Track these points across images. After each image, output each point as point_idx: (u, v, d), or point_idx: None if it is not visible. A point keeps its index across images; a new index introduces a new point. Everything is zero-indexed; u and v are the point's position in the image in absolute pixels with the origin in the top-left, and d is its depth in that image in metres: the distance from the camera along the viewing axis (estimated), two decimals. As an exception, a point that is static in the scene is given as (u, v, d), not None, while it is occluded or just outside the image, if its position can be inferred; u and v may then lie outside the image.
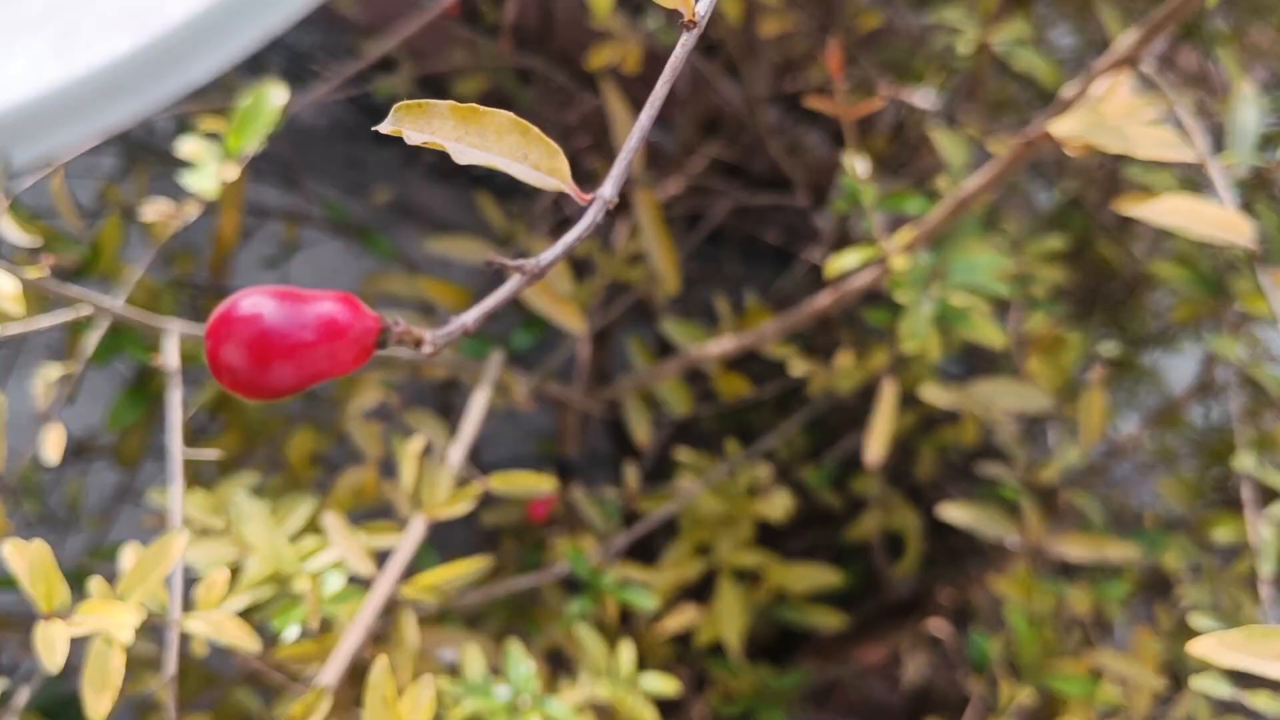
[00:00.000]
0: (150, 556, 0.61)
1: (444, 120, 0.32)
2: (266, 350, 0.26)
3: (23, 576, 0.59)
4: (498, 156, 0.32)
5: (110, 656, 0.58)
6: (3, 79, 0.84)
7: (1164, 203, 0.56)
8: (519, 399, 0.89)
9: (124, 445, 1.00)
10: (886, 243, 0.76)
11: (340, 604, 0.69)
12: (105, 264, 0.90)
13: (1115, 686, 0.95)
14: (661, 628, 1.10)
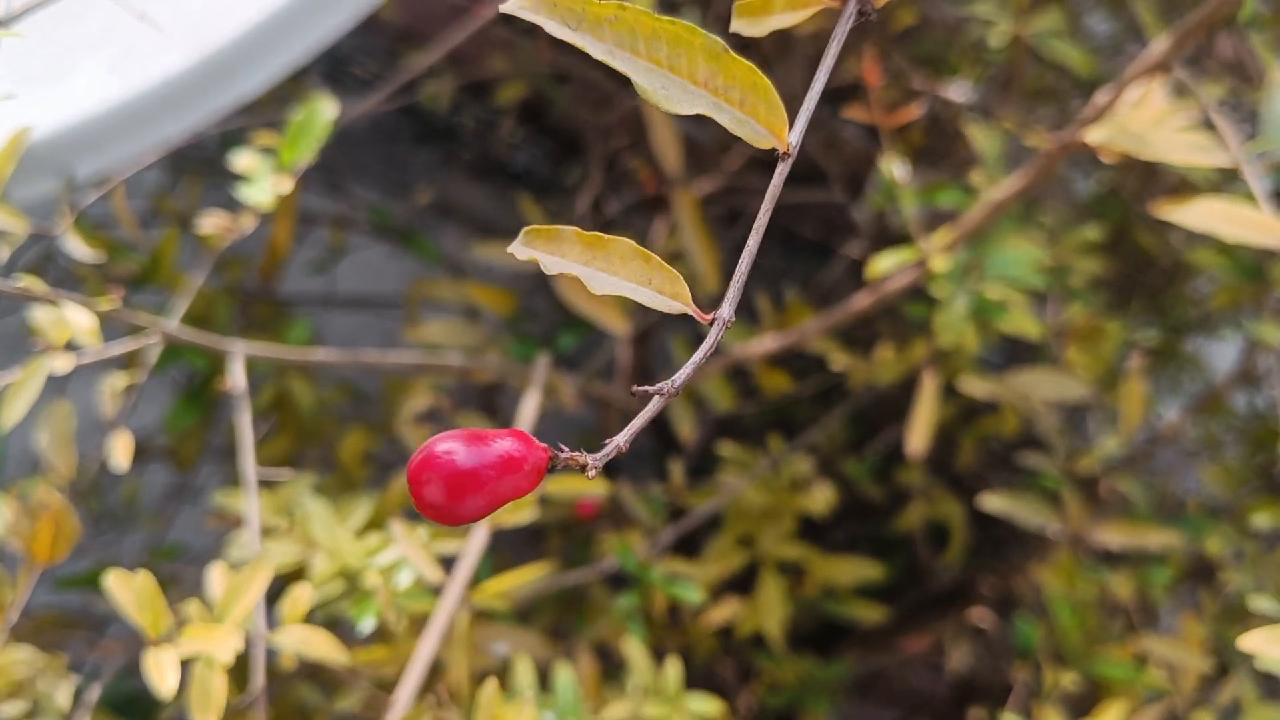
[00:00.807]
0: (239, 582, 0.63)
1: (571, 245, 0.34)
2: (461, 488, 0.31)
3: (129, 607, 0.62)
4: (624, 282, 0.34)
5: (212, 678, 0.60)
6: (64, 97, 0.87)
7: (1198, 206, 0.57)
8: (566, 399, 0.91)
9: (181, 448, 1.03)
10: (925, 243, 0.77)
11: (412, 600, 0.71)
12: (164, 274, 0.93)
13: (1160, 671, 0.96)
14: (707, 620, 1.12)
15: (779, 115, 0.33)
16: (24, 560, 0.78)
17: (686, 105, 0.33)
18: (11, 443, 0.96)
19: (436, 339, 0.97)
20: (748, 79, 0.33)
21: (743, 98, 0.33)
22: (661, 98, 0.33)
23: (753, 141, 0.33)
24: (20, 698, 0.78)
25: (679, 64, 0.32)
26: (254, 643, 0.66)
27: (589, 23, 0.31)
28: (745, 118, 0.33)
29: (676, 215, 1.01)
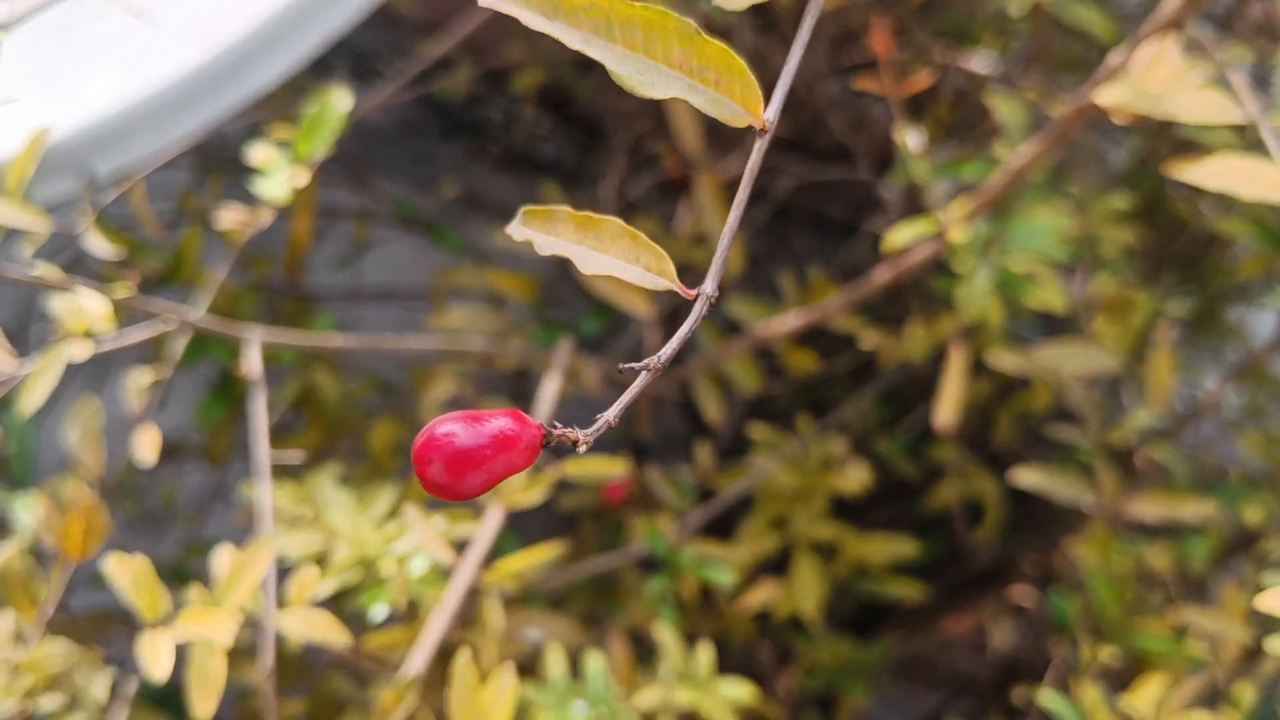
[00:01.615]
0: (243, 562, 0.64)
1: (565, 225, 0.34)
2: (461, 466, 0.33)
3: (126, 588, 0.62)
4: (612, 259, 0.34)
5: (211, 660, 0.61)
6: (84, 97, 0.88)
7: (1216, 164, 0.56)
8: (588, 383, 0.91)
9: (212, 444, 1.04)
10: (944, 215, 0.76)
11: (426, 586, 0.71)
12: (187, 271, 0.94)
13: (1200, 642, 0.94)
14: (743, 604, 1.12)
15: (754, 94, 0.33)
16: (57, 556, 0.79)
17: (661, 88, 0.33)
18: (43, 442, 0.97)
19: (459, 326, 0.97)
20: (722, 59, 0.33)
21: (718, 78, 0.33)
22: (637, 82, 0.33)
23: (729, 121, 0.33)
24: (58, 691, 0.79)
25: (654, 48, 0.33)
26: (263, 624, 0.66)
27: (565, 12, 0.32)
28: (721, 97, 0.33)
29: (698, 198, 1.01)
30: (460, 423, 0.32)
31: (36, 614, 0.78)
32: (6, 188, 0.78)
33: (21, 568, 0.76)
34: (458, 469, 0.32)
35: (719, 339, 1.03)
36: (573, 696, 0.83)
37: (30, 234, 0.79)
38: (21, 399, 0.68)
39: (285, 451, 0.73)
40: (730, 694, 0.89)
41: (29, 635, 0.78)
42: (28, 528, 0.84)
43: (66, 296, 0.70)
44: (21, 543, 0.79)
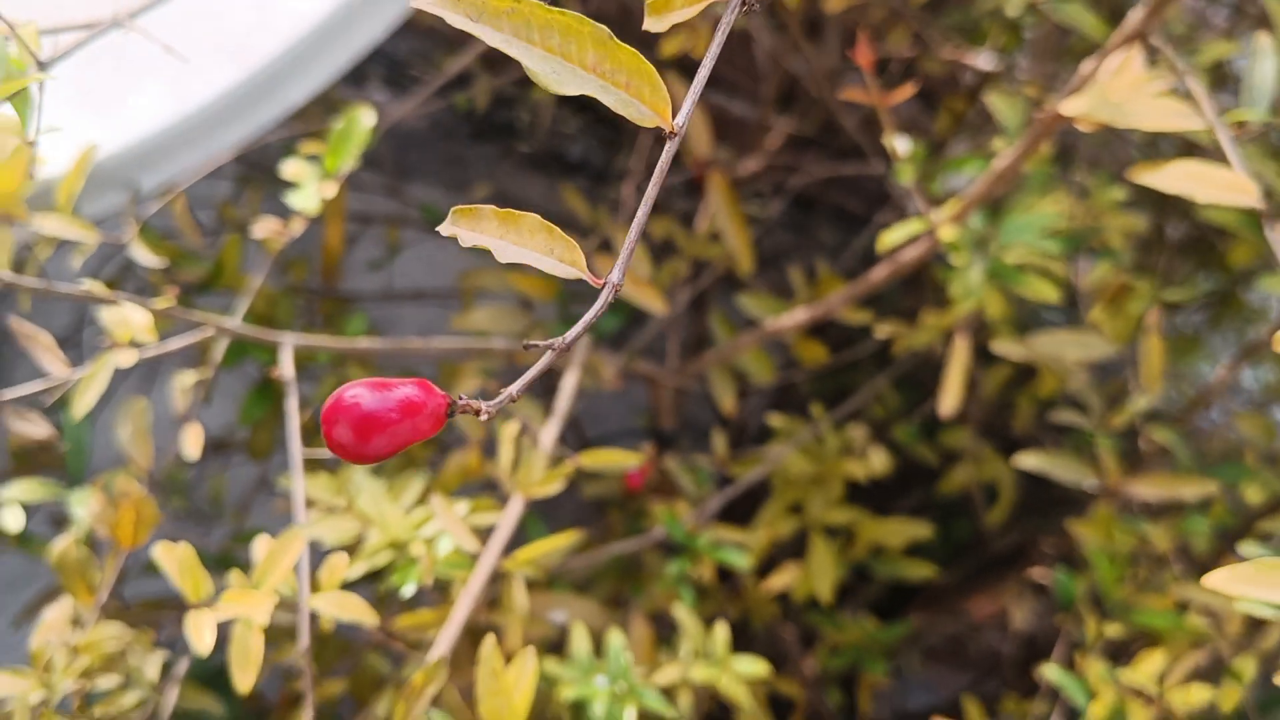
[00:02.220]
0: (278, 549, 0.69)
1: (489, 222, 0.37)
2: (366, 429, 0.35)
3: (172, 572, 0.68)
4: (530, 252, 0.37)
5: (250, 638, 0.66)
6: (129, 115, 0.93)
7: (1172, 169, 0.59)
8: (606, 378, 0.96)
9: (256, 440, 1.10)
10: (935, 215, 0.80)
11: (453, 568, 0.76)
12: (228, 277, 0.99)
13: (1202, 618, 0.97)
14: (766, 587, 1.16)
15: (662, 97, 0.36)
16: (111, 546, 0.85)
17: (575, 87, 0.36)
18: (96, 440, 1.03)
19: (483, 325, 1.02)
20: (633, 63, 0.36)
21: (629, 80, 0.36)
22: (553, 81, 0.36)
23: (638, 121, 0.37)
24: (114, 671, 0.84)
25: (569, 50, 0.36)
26: (299, 606, 0.71)
27: (489, 15, 0.35)
28: (631, 99, 0.36)
29: (710, 197, 1.05)
30: (367, 388, 0.34)
31: (93, 600, 0.84)
32: (57, 203, 0.84)
33: (78, 557, 0.82)
34: (363, 432, 0.34)
35: (733, 333, 1.07)
36: (595, 672, 0.88)
37: (80, 245, 0.85)
38: (75, 402, 0.74)
39: (317, 449, 0.78)
40: (745, 670, 0.93)
41: (86, 619, 0.84)
42: (83, 520, 0.90)
43: (113, 309, 0.76)
44: (78, 534, 0.85)
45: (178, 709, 0.90)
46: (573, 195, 1.19)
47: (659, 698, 0.88)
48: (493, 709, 0.58)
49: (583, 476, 1.22)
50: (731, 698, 0.93)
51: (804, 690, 1.27)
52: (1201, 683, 0.93)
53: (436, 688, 0.65)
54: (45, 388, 0.74)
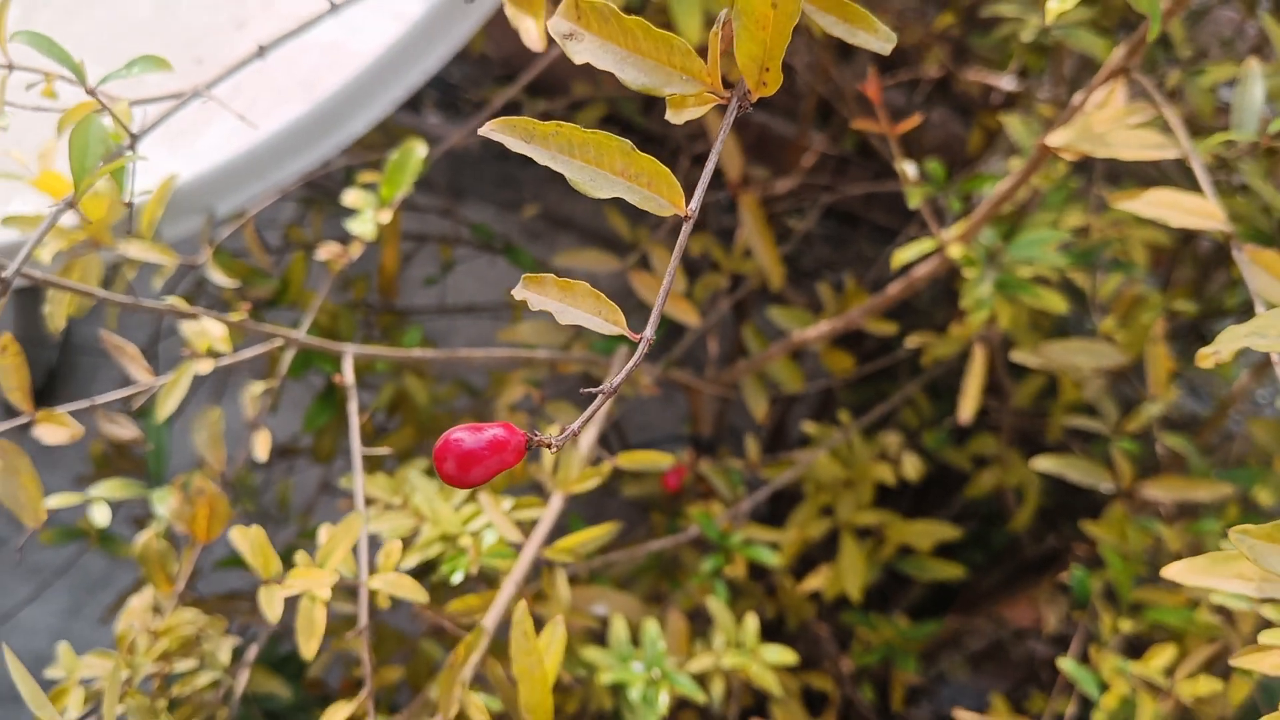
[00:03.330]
0: (339, 533, 0.77)
1: (552, 289, 0.45)
2: (467, 463, 0.44)
3: (246, 553, 0.76)
4: (583, 314, 0.45)
5: (314, 610, 0.74)
6: (203, 147, 1.02)
7: (1149, 196, 0.65)
8: (644, 385, 1.02)
9: (319, 444, 1.18)
10: (944, 234, 0.86)
11: (496, 557, 0.83)
12: (293, 294, 1.07)
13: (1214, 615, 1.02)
14: (802, 588, 1.22)
15: (677, 192, 0.44)
16: (187, 540, 0.93)
17: (608, 190, 0.44)
18: (174, 445, 1.12)
19: (529, 338, 1.10)
20: (652, 168, 0.43)
21: (650, 181, 0.44)
22: (589, 186, 0.44)
23: (658, 212, 0.44)
24: (189, 656, 0.92)
25: (602, 161, 0.43)
26: (359, 588, 0.79)
27: (539, 138, 0.43)
28: (652, 195, 0.44)
29: (743, 216, 1.11)
30: (467, 431, 0.44)
31: (171, 589, 0.92)
32: (139, 229, 0.92)
33: (158, 549, 0.90)
34: (464, 465, 0.43)
35: (765, 344, 1.13)
36: (632, 659, 0.95)
37: (161, 267, 0.93)
38: (159, 405, 0.82)
39: (376, 448, 0.86)
40: (774, 658, 0.99)
41: (165, 607, 0.92)
42: (163, 516, 0.98)
43: (193, 322, 0.84)
44: (158, 529, 0.93)
45: (248, 691, 0.98)
46: (615, 215, 1.26)
47: (691, 683, 0.94)
48: (524, 668, 0.64)
49: (626, 480, 1.29)
50: (761, 684, 0.99)
51: (838, 687, 1.32)
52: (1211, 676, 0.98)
53: (479, 655, 0.72)
54: (132, 393, 0.82)
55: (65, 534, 1.25)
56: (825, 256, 1.97)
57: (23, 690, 0.71)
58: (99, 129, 0.60)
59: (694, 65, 0.43)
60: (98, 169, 0.58)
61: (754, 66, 0.42)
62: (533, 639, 0.69)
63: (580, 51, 0.43)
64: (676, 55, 0.43)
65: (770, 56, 0.41)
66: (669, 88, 0.43)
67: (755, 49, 0.41)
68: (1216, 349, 0.48)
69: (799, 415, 1.69)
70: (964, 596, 1.65)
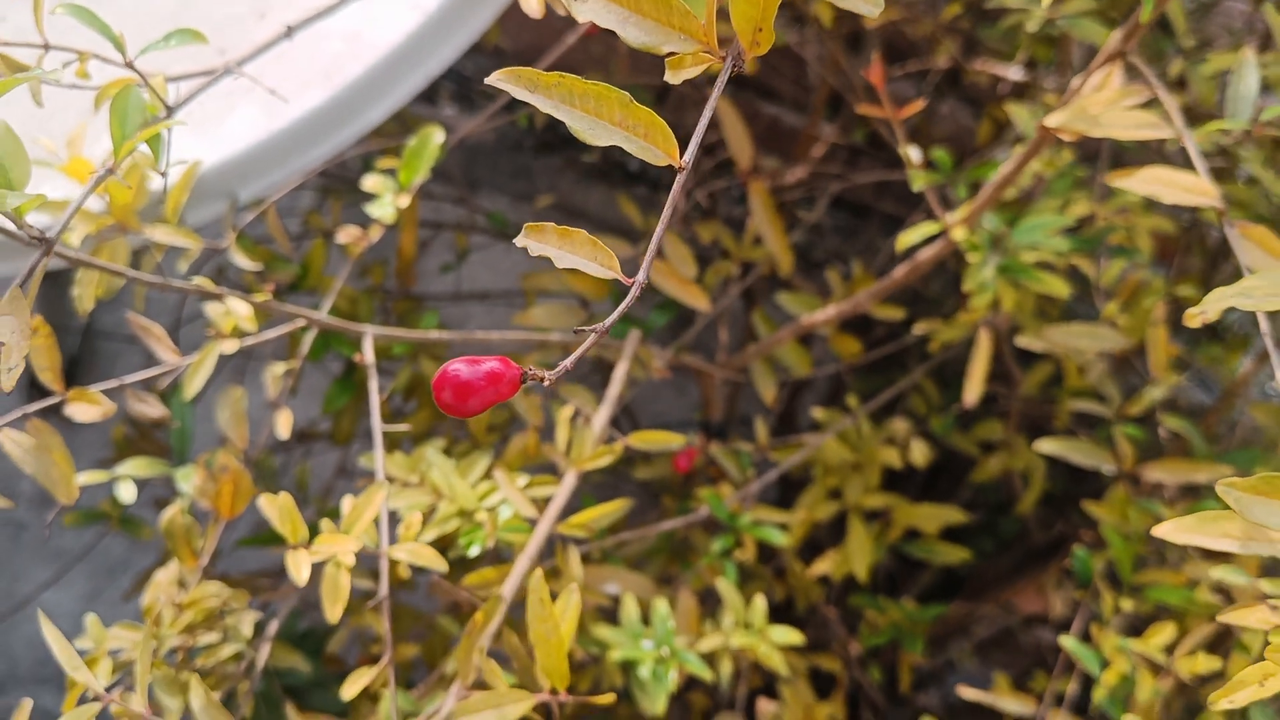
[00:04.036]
0: (362, 502, 0.79)
1: (551, 237, 0.47)
2: (464, 392, 0.47)
3: (274, 520, 0.78)
4: (580, 259, 0.47)
5: (339, 576, 0.76)
6: (226, 134, 1.04)
7: (1144, 173, 0.66)
8: (655, 368, 1.04)
9: (338, 426, 1.21)
10: (948, 217, 0.88)
11: (511, 532, 0.86)
12: (313, 279, 1.10)
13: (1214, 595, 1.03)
14: (811, 571, 1.25)
15: (671, 144, 0.46)
16: (212, 515, 0.95)
17: (606, 139, 0.46)
18: (198, 427, 1.14)
19: (542, 322, 1.12)
20: (649, 119, 0.46)
21: (645, 132, 0.46)
22: (589, 135, 0.46)
23: (654, 162, 0.46)
24: (213, 630, 0.95)
25: (601, 111, 0.45)
26: (380, 558, 0.81)
27: (541, 88, 0.45)
28: (648, 145, 0.46)
29: (752, 204, 1.13)
30: (464, 363, 0.46)
31: (195, 563, 0.94)
32: (165, 214, 0.95)
33: (183, 524, 0.93)
34: (462, 395, 0.45)
35: (774, 329, 1.16)
36: (642, 637, 0.98)
37: (186, 251, 0.95)
38: (185, 385, 0.84)
39: (396, 425, 0.88)
40: (781, 638, 1.02)
41: (189, 581, 0.95)
42: (187, 494, 1.01)
43: (218, 302, 0.86)
44: (183, 505, 0.95)
45: (269, 665, 1.01)
46: (627, 204, 1.28)
47: (700, 662, 0.96)
48: (540, 634, 0.67)
49: (638, 463, 1.31)
50: (768, 664, 1.01)
51: (846, 669, 1.34)
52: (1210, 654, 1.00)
53: (497, 622, 0.75)
54: (159, 373, 0.85)
55: (87, 516, 1.28)
56: (836, 247, 1.99)
57: (59, 655, 0.74)
58: (138, 99, 0.63)
59: (691, 25, 0.45)
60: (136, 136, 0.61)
61: (748, 26, 0.44)
62: (549, 605, 0.71)
63: (585, 11, 0.45)
64: (675, 15, 0.45)
65: (764, 18, 0.43)
66: (667, 46, 0.45)
67: (750, 9, 0.43)
68: (1203, 309, 0.50)
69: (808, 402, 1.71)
70: (972, 583, 1.67)
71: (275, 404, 0.97)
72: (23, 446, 0.74)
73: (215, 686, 0.97)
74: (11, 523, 1.85)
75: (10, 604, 1.77)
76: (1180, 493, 1.16)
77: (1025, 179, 1.07)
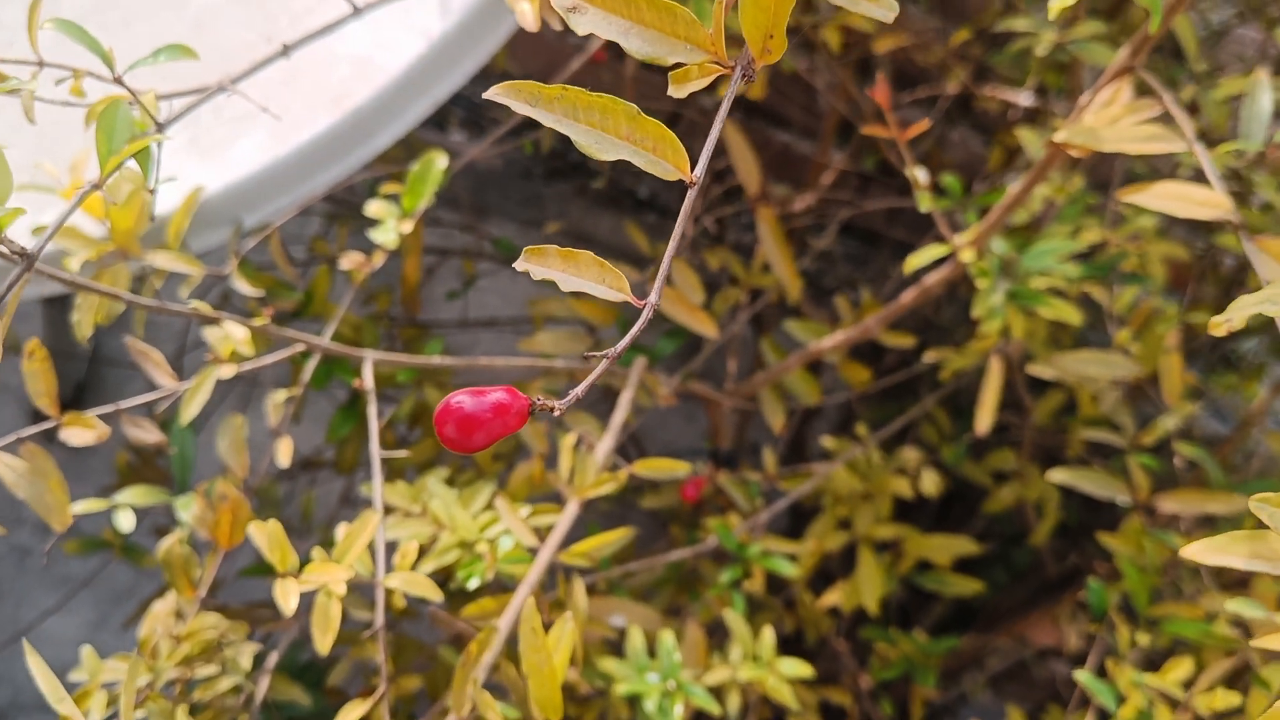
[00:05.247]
0: (354, 530, 0.78)
1: (554, 260, 0.45)
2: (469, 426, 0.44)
3: (264, 547, 0.77)
4: (587, 282, 0.45)
5: (330, 605, 0.75)
6: (232, 159, 1.04)
7: (1156, 188, 0.65)
8: (661, 395, 1.03)
9: (342, 455, 1.19)
10: (956, 239, 0.87)
11: (512, 563, 0.84)
12: (317, 306, 1.09)
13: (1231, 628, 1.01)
14: (821, 603, 1.23)
15: (682, 157, 0.44)
16: (210, 546, 0.94)
17: (613, 154, 0.44)
18: (200, 457, 1.13)
19: (548, 348, 1.11)
20: (658, 132, 0.44)
21: (654, 146, 0.44)
22: (595, 150, 0.44)
23: (664, 176, 0.44)
24: (211, 662, 0.93)
25: (607, 125, 0.44)
26: (376, 587, 0.80)
27: (544, 102, 0.43)
28: (657, 159, 0.44)
29: (760, 230, 1.12)
30: (468, 395, 0.44)
31: (194, 594, 0.93)
32: (167, 240, 0.94)
33: (181, 554, 0.91)
34: (466, 429, 0.43)
35: (782, 356, 1.14)
36: (648, 670, 0.96)
37: (188, 277, 0.95)
38: (181, 410, 0.83)
39: (395, 451, 0.87)
40: (790, 671, 1.00)
41: (187, 612, 0.93)
42: (186, 522, 1.00)
43: (216, 327, 0.85)
44: (181, 534, 0.94)
45: (268, 698, 0.99)
46: (635, 231, 1.27)
47: (707, 696, 0.95)
48: (533, 664, 0.65)
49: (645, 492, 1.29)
50: (777, 697, 0.99)
51: (856, 702, 1.32)
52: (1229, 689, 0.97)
53: (492, 654, 0.73)
54: (156, 398, 0.84)
55: (89, 544, 1.27)
56: (847, 275, 1.98)
57: (43, 687, 0.73)
58: (126, 114, 0.62)
59: (698, 35, 0.43)
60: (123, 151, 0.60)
61: (759, 33, 0.42)
62: (541, 635, 0.69)
63: (583, 24, 0.43)
64: (680, 25, 0.43)
65: (775, 24, 0.41)
66: (673, 57, 0.44)
67: (760, 16, 0.41)
68: (1228, 316, 0.49)
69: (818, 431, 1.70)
70: (986, 615, 1.65)
71: (276, 431, 0.96)
72: (17, 471, 0.73)
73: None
74: (16, 549, 1.84)
75: (14, 631, 1.76)
76: (1195, 524, 1.14)
77: (1035, 204, 1.06)
